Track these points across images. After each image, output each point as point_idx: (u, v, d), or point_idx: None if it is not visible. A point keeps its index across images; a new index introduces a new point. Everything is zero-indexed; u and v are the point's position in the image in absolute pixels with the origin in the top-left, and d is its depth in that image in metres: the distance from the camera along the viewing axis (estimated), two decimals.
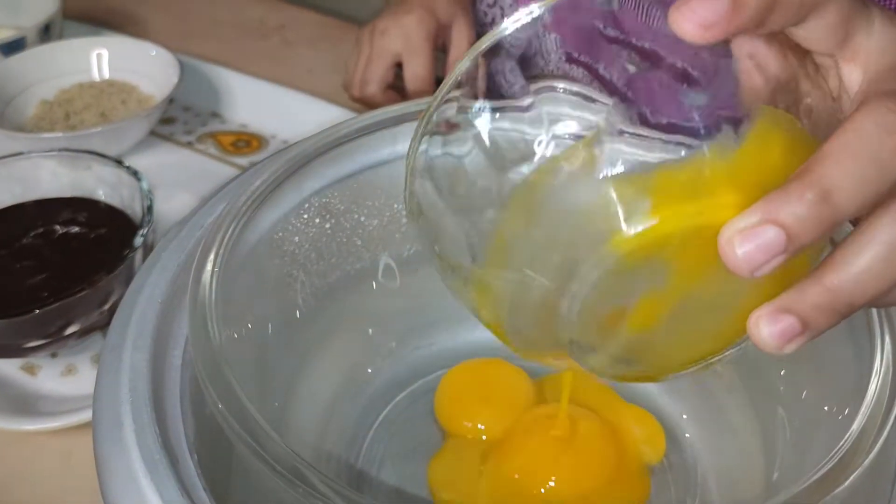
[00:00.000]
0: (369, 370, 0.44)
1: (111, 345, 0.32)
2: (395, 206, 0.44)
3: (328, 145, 0.39)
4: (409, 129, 0.42)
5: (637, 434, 0.43)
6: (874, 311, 0.31)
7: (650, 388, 0.44)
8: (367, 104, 0.68)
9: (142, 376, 0.30)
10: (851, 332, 0.33)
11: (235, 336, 0.32)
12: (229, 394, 0.28)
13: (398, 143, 0.42)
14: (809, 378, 0.36)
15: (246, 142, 0.66)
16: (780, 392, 0.37)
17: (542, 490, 0.39)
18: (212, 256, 0.32)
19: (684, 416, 0.43)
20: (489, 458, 0.41)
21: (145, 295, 0.34)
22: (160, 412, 0.30)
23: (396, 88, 0.67)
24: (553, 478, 0.39)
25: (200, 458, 0.30)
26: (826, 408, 0.33)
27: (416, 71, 0.64)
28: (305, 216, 0.39)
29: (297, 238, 0.39)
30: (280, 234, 0.38)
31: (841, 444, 0.27)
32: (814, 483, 0.26)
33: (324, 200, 0.40)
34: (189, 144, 0.66)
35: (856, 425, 0.28)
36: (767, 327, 0.22)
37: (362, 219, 0.42)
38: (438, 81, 0.66)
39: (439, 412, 0.43)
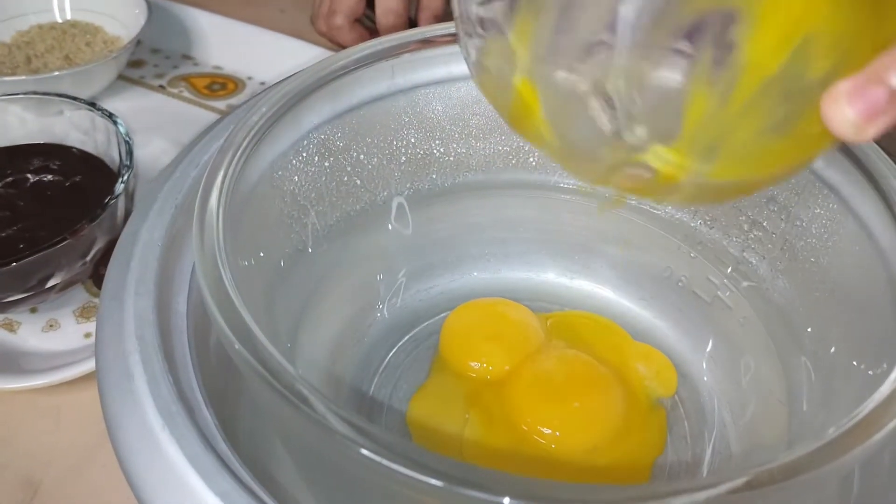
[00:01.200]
0: (375, 310, 0.43)
1: (110, 293, 0.30)
2: (395, 143, 0.42)
3: (325, 78, 0.37)
4: (408, 60, 0.40)
5: (645, 371, 0.42)
6: None
7: (667, 333, 0.43)
8: (333, 40, 0.64)
9: (148, 324, 0.28)
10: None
11: (243, 273, 0.30)
12: (244, 331, 0.25)
13: (396, 77, 0.40)
14: (839, 336, 0.34)
15: (221, 84, 0.63)
16: (807, 346, 0.36)
17: (545, 440, 0.38)
18: (215, 192, 0.29)
19: (704, 365, 0.42)
20: (481, 401, 0.40)
21: (143, 239, 0.32)
22: (170, 361, 0.28)
23: (367, 29, 0.64)
24: (559, 430, 0.38)
25: (213, 407, 0.28)
26: (855, 362, 0.32)
27: (389, 4, 0.60)
28: (304, 154, 0.37)
29: (296, 177, 0.37)
30: (280, 172, 0.36)
31: (879, 390, 0.25)
32: (853, 427, 0.24)
33: (322, 137, 0.38)
34: (161, 88, 0.63)
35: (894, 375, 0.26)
36: (849, 104, 0.19)
37: (361, 157, 0.40)
38: (411, 23, 0.64)
39: (444, 350, 0.42)
